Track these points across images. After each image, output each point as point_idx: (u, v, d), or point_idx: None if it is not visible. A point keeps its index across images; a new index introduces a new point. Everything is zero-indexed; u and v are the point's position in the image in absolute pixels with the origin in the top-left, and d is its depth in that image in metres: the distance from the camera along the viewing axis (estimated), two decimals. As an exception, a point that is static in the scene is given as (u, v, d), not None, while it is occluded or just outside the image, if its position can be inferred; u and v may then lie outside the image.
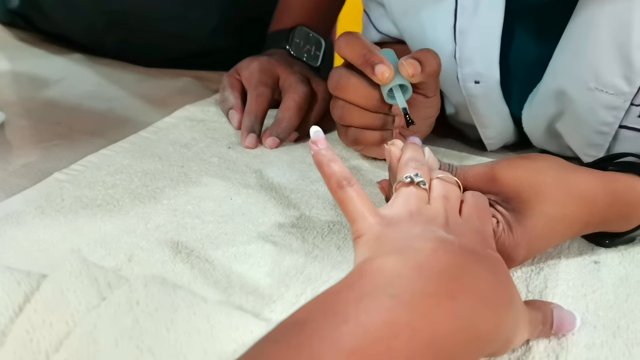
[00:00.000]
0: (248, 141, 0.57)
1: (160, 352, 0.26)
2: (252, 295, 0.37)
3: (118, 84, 0.70)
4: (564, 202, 0.38)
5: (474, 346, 0.27)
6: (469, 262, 0.29)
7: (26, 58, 0.77)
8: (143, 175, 0.50)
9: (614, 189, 0.39)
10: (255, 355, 0.23)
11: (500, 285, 0.29)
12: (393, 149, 0.41)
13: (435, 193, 0.36)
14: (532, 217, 0.37)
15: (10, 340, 0.27)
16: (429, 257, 0.29)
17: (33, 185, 0.48)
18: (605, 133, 0.50)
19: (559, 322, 0.34)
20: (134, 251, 0.40)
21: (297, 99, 0.58)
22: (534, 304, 0.34)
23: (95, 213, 0.44)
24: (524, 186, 0.38)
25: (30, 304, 0.28)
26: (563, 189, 0.38)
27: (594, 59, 0.47)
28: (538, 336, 0.34)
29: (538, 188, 0.38)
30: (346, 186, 0.33)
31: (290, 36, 0.68)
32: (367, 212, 0.32)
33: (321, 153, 0.34)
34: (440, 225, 0.33)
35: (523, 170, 0.39)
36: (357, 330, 0.24)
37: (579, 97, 0.49)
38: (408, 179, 0.35)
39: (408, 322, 0.25)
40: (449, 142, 0.61)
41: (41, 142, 0.55)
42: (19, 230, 0.42)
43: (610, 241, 0.43)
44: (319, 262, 0.40)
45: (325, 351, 0.23)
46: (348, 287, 0.27)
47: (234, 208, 0.46)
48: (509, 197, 0.38)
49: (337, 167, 0.34)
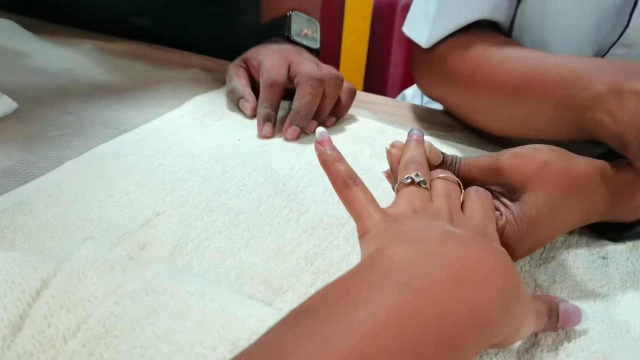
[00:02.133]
0: (265, 130, 0.56)
1: (177, 339, 0.27)
2: (262, 285, 0.37)
3: (128, 75, 0.70)
4: (568, 192, 0.38)
5: (482, 333, 0.27)
6: (476, 252, 0.30)
7: (36, 47, 0.77)
8: (154, 166, 0.50)
9: (617, 178, 0.40)
10: (270, 340, 0.24)
11: (507, 275, 0.30)
12: (393, 150, 0.40)
13: (438, 191, 0.37)
14: (536, 207, 0.38)
15: (29, 325, 0.27)
16: (437, 246, 0.29)
17: (45, 173, 0.48)
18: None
19: (564, 316, 0.34)
20: (146, 240, 0.40)
21: (313, 86, 0.57)
22: (540, 298, 0.34)
23: (106, 202, 0.45)
24: (528, 177, 0.38)
25: (47, 289, 0.29)
26: (567, 179, 0.38)
27: None
28: (544, 329, 0.34)
29: (542, 178, 0.38)
30: (352, 185, 0.34)
31: (287, 22, 0.67)
32: (373, 210, 0.33)
33: (327, 153, 0.35)
34: (446, 220, 0.33)
35: (527, 160, 0.39)
36: (368, 316, 0.24)
37: None
38: (409, 179, 0.36)
39: (418, 308, 0.25)
40: (457, 137, 0.61)
41: (52, 130, 0.56)
42: (31, 218, 0.42)
43: (616, 234, 0.43)
44: (328, 253, 0.41)
45: (337, 335, 0.23)
46: (359, 275, 0.27)
47: (244, 200, 0.46)
48: (514, 188, 0.39)
49: (343, 167, 0.34)
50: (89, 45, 0.78)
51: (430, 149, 0.40)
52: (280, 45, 0.64)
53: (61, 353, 0.26)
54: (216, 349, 0.27)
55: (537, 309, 0.33)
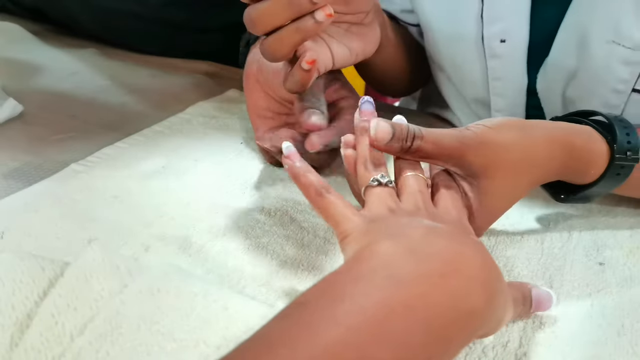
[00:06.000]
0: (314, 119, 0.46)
1: (181, 337, 0.28)
2: (264, 287, 0.38)
3: (132, 79, 0.71)
4: (525, 174, 0.39)
5: (467, 323, 0.28)
6: (457, 244, 0.31)
7: (41, 51, 0.78)
8: (157, 169, 0.51)
9: (571, 146, 0.40)
10: (263, 333, 0.25)
11: (488, 266, 0.31)
12: (348, 153, 0.39)
13: (410, 188, 0.36)
14: (494, 195, 0.38)
15: (36, 323, 0.28)
16: (420, 241, 0.30)
17: (50, 175, 0.49)
18: (620, 92, 0.50)
19: (537, 301, 0.36)
20: (150, 242, 0.41)
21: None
22: (513, 285, 0.35)
23: (111, 204, 0.45)
24: (491, 164, 0.38)
25: (54, 288, 0.29)
26: (527, 162, 0.39)
27: (612, 11, 0.47)
28: (518, 316, 0.35)
29: (504, 165, 0.38)
30: (325, 193, 0.34)
31: None
32: (350, 214, 0.33)
33: (296, 166, 0.36)
34: (424, 215, 0.34)
35: (492, 147, 0.38)
36: (354, 308, 0.25)
37: (597, 50, 0.49)
38: (375, 182, 0.36)
39: (403, 300, 0.26)
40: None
41: (57, 133, 0.56)
42: (37, 219, 0.43)
43: (565, 197, 0.44)
44: (330, 256, 0.41)
45: (323, 326, 0.24)
46: (346, 270, 0.29)
47: (247, 202, 0.47)
48: (476, 174, 0.38)
49: (314, 177, 0.35)
50: (94, 49, 0.79)
51: (377, 130, 0.36)
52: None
53: (68, 350, 0.27)
54: (219, 348, 0.28)
55: (513, 296, 0.34)
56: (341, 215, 0.33)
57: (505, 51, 0.54)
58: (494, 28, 0.53)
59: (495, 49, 0.54)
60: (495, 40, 0.53)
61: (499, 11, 0.52)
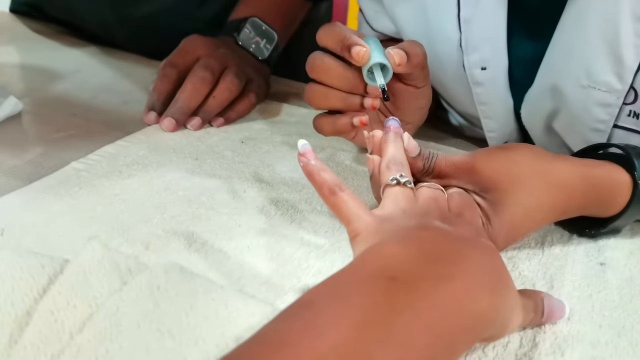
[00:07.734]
0: (147, 118, 0.59)
1: (180, 335, 0.27)
2: (264, 286, 0.38)
3: (133, 78, 0.71)
4: (541, 191, 0.39)
5: (472, 327, 0.28)
6: (465, 248, 0.31)
7: (42, 50, 0.78)
8: (158, 167, 0.51)
9: (591, 175, 0.40)
10: (268, 332, 0.25)
11: (496, 270, 0.31)
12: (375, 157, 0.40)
13: (425, 194, 0.38)
14: (509, 207, 0.38)
15: (36, 320, 0.28)
16: (427, 243, 0.30)
17: (50, 173, 0.49)
18: (601, 131, 0.50)
19: (549, 310, 0.35)
20: (151, 240, 0.41)
21: (196, 82, 0.59)
22: (526, 292, 0.35)
23: (112, 202, 0.45)
24: (501, 177, 0.39)
25: (54, 286, 0.29)
26: (540, 179, 0.39)
27: (585, 56, 0.47)
28: (530, 324, 0.35)
29: (515, 179, 0.39)
30: (338, 191, 0.34)
31: (242, 25, 0.68)
32: (362, 212, 0.33)
33: (311, 164, 0.36)
34: (435, 217, 0.34)
35: (501, 161, 0.39)
36: (359, 309, 0.25)
37: (573, 94, 0.49)
38: (394, 181, 0.36)
39: (408, 302, 0.26)
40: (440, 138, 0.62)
41: (58, 132, 0.56)
42: (37, 217, 0.43)
43: (595, 231, 0.44)
44: (330, 255, 0.41)
45: (329, 326, 0.24)
46: (351, 271, 0.29)
47: (247, 201, 0.47)
48: (487, 187, 0.39)
49: (328, 176, 0.35)
50: (96, 48, 0.79)
51: (409, 141, 0.40)
52: (208, 40, 0.64)
53: (67, 348, 0.27)
54: (219, 346, 0.28)
55: (524, 303, 0.33)
56: (353, 213, 0.33)
57: (487, 78, 0.54)
58: (473, 57, 0.53)
59: (477, 77, 0.54)
60: (477, 68, 0.53)
61: (476, 41, 0.52)
